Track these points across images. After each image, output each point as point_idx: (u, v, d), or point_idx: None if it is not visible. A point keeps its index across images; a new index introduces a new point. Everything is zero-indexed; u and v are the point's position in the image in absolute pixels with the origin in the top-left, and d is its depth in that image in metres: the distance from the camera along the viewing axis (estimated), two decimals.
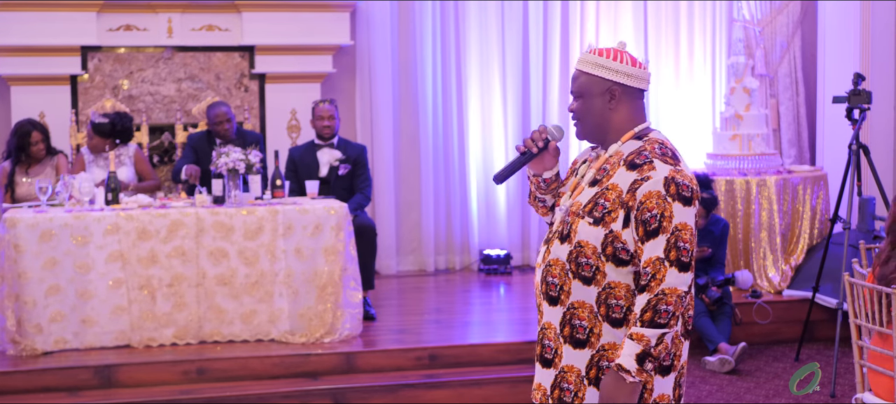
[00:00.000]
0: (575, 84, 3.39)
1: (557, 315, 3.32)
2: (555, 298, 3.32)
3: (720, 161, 8.93)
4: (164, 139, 9.06)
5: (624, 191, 3.22)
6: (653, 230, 3.16)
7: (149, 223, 6.79)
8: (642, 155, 3.26)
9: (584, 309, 3.27)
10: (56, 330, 6.72)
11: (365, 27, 9.58)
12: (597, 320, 3.26)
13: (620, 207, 3.22)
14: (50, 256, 6.68)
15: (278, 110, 9.36)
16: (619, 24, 10.03)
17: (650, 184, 3.19)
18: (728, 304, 7.63)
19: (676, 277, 3.15)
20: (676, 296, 3.14)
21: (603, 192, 3.26)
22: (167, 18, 9.10)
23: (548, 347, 3.36)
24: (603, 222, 3.22)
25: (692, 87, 10.12)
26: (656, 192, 3.18)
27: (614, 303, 3.24)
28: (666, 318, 3.13)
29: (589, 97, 3.35)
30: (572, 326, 3.28)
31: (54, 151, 8.11)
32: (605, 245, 3.22)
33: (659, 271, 3.15)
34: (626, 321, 3.24)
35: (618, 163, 3.29)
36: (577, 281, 3.27)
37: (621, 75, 3.33)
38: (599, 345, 3.26)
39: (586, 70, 3.35)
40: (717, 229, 7.84)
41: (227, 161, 7.03)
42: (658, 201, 3.17)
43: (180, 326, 6.87)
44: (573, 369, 3.29)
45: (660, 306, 3.13)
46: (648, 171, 3.21)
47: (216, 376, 6.56)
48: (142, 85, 9.14)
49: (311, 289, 6.95)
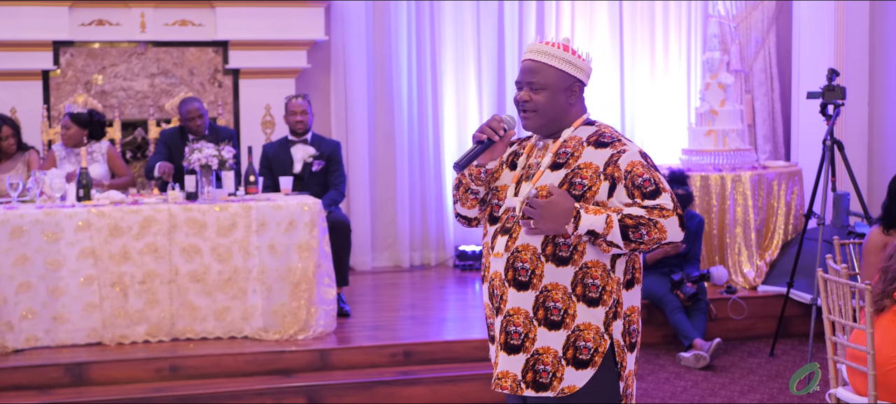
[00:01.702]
0: (536, 76, 3.41)
1: (528, 299, 3.36)
2: (525, 283, 3.35)
3: (695, 156, 8.94)
4: (136, 135, 9.00)
5: (601, 165, 3.32)
6: (652, 191, 3.29)
7: (121, 219, 6.74)
8: (605, 135, 3.40)
9: (558, 290, 3.32)
10: (27, 327, 6.66)
11: (340, 22, 9.55)
12: (571, 301, 3.33)
13: (602, 179, 3.31)
14: (20, 253, 6.61)
15: (252, 106, 9.31)
16: (595, 18, 10.03)
17: (629, 155, 3.33)
18: (703, 300, 7.64)
19: (674, 227, 3.27)
20: (661, 236, 3.25)
21: (576, 171, 3.34)
22: (140, 13, 9.04)
23: (514, 333, 3.38)
24: (583, 198, 3.30)
25: (667, 82, 10.13)
26: (639, 162, 3.32)
27: (591, 283, 3.32)
28: (636, 240, 3.24)
29: (553, 90, 3.41)
30: (546, 309, 3.34)
31: (25, 147, 8.04)
32: None
33: (666, 210, 3.27)
34: (602, 300, 3.33)
35: (580, 146, 3.39)
36: (550, 263, 3.32)
37: (582, 73, 3.46)
38: (575, 325, 3.33)
39: (553, 64, 3.41)
40: (692, 225, 7.84)
41: (199, 157, 6.98)
42: (644, 169, 3.31)
43: (153, 323, 6.81)
44: (549, 350, 3.34)
45: (642, 229, 3.24)
46: (621, 147, 3.35)
47: (189, 373, 6.51)
48: (114, 80, 9.08)
49: (285, 286, 6.91)
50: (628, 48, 10.08)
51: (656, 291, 7.65)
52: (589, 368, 3.34)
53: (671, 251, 7.68)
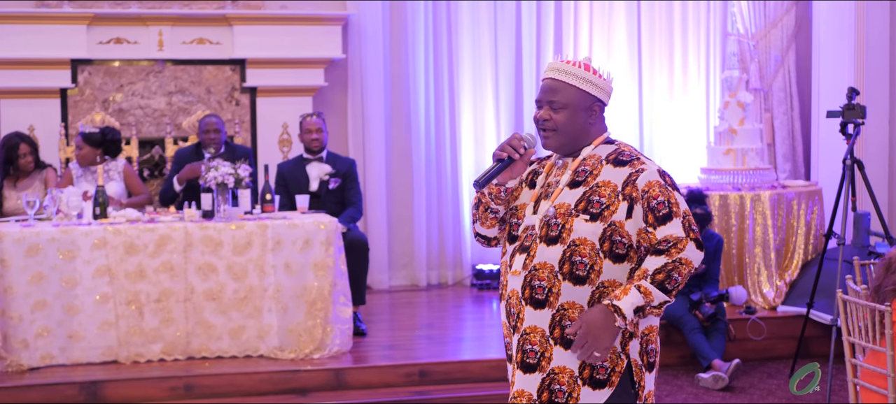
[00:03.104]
0: (556, 95, 3.41)
1: (545, 318, 3.35)
2: (541, 302, 3.34)
3: (714, 175, 8.88)
4: (154, 153, 9.00)
5: (619, 185, 3.32)
6: (665, 215, 3.29)
7: (137, 237, 6.73)
8: (625, 154, 3.40)
9: (575, 310, 3.32)
10: (42, 345, 6.65)
11: (357, 40, 9.54)
12: None
13: (620, 199, 3.31)
14: (36, 271, 6.61)
15: (270, 124, 9.31)
16: (613, 37, 9.99)
17: (647, 174, 3.33)
18: (722, 320, 7.57)
19: (694, 253, 3.29)
20: (689, 269, 3.28)
21: (594, 190, 3.34)
22: (158, 31, 9.05)
23: (530, 352, 3.37)
24: (601, 217, 3.30)
25: (686, 100, 10.08)
26: (656, 182, 3.32)
27: None
28: (673, 286, 3.27)
29: (574, 109, 3.41)
30: (562, 328, 3.32)
31: (43, 165, 8.05)
32: (604, 240, 3.30)
33: (680, 242, 3.27)
34: None
35: (599, 164, 3.39)
36: (567, 282, 3.31)
37: (603, 92, 3.45)
38: None
39: (573, 83, 3.40)
40: (711, 244, 7.78)
41: (216, 175, 6.97)
42: (661, 189, 3.31)
43: (168, 342, 6.80)
44: (565, 370, 3.33)
45: (673, 273, 3.26)
46: (640, 166, 3.35)
47: (204, 392, 6.49)
48: (132, 98, 9.09)
49: (301, 305, 6.88)
50: (646, 66, 10.04)
51: (675, 311, 7.60)
52: (606, 388, 3.32)
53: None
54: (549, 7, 9.87)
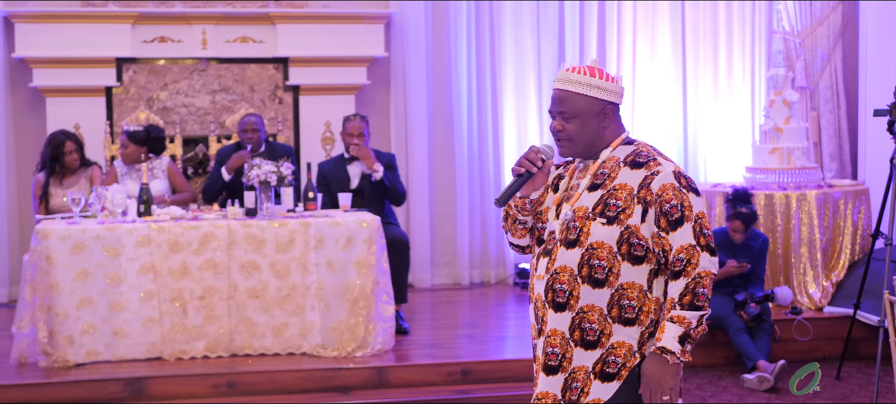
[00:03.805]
0: (565, 105, 3.44)
1: (566, 321, 3.39)
2: (562, 304, 3.39)
3: (759, 175, 8.81)
4: (198, 151, 9.04)
5: (635, 187, 3.35)
6: (677, 219, 3.31)
7: (180, 235, 6.76)
8: (642, 155, 3.41)
9: (594, 312, 3.36)
10: (87, 342, 6.70)
11: (399, 38, 9.54)
12: (607, 322, 3.36)
13: (635, 203, 3.33)
14: (82, 268, 6.66)
15: (312, 122, 9.33)
16: (657, 36, 9.93)
17: (662, 177, 3.34)
18: (767, 321, 7.51)
19: (709, 261, 3.31)
20: (710, 278, 3.31)
21: (611, 193, 3.37)
22: (202, 30, 9.10)
23: (552, 354, 3.42)
24: (617, 220, 3.33)
25: (731, 99, 10.00)
26: (670, 184, 3.33)
27: (627, 304, 3.35)
28: (703, 301, 3.29)
29: (585, 117, 3.43)
30: (582, 330, 3.37)
31: (88, 163, 8.10)
32: (621, 243, 3.33)
33: (693, 256, 3.29)
34: (639, 320, 3.36)
35: (617, 166, 3.41)
36: (586, 285, 3.35)
37: (614, 94, 3.46)
38: (609, 344, 3.37)
39: (580, 91, 3.42)
40: (756, 244, 7.72)
41: (258, 173, 6.99)
42: (675, 192, 3.32)
43: (211, 339, 6.83)
44: (582, 368, 3.38)
45: (697, 289, 3.28)
46: (656, 167, 3.36)
47: (247, 389, 6.51)
48: (176, 97, 9.14)
49: (343, 303, 6.89)
50: (691, 65, 9.97)
51: (719, 311, 7.54)
52: (614, 381, 3.37)
53: (734, 271, 7.57)
54: (593, 7, 9.83)
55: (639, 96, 9.92)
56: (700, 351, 7.67)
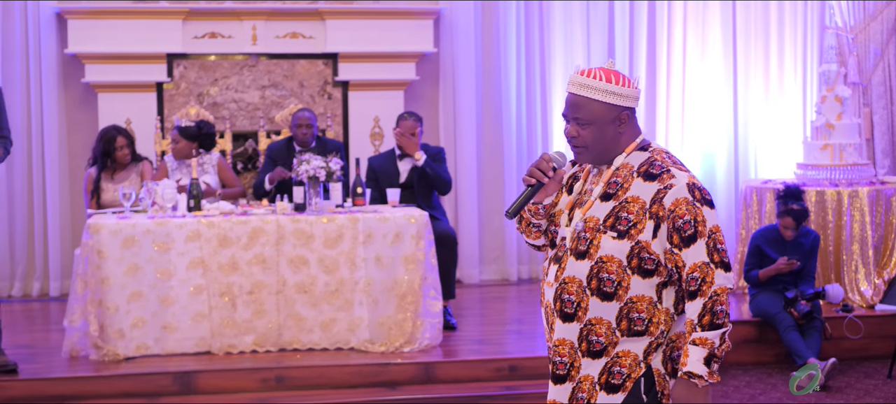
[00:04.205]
0: (580, 111, 3.33)
1: (574, 331, 3.33)
2: (570, 315, 3.32)
3: (811, 171, 8.73)
4: (247, 146, 9.10)
5: (647, 201, 3.26)
6: (690, 236, 3.22)
7: (230, 230, 6.80)
8: (656, 165, 3.31)
9: (602, 325, 3.29)
10: (137, 335, 6.76)
11: (448, 34, 9.54)
12: (614, 336, 3.28)
13: (647, 218, 3.25)
14: (132, 262, 6.72)
15: (361, 118, 9.35)
16: (707, 28, 9.86)
17: (675, 191, 3.24)
18: (818, 319, 7.43)
19: (724, 277, 3.22)
20: (726, 294, 3.22)
21: (623, 205, 3.28)
22: (252, 26, 9.14)
23: (560, 364, 3.36)
24: (628, 235, 3.25)
25: (782, 94, 9.91)
26: (684, 199, 3.23)
27: (636, 317, 3.28)
28: (722, 318, 3.21)
29: (600, 124, 3.32)
30: (589, 341, 3.31)
31: (139, 158, 8.17)
32: (631, 257, 3.25)
33: (707, 274, 3.21)
34: (648, 332, 3.28)
35: (630, 176, 3.32)
36: (595, 298, 3.28)
37: (629, 100, 3.35)
38: (614, 353, 3.30)
39: (596, 97, 3.31)
40: (807, 241, 7.65)
41: (307, 168, 7.02)
42: (688, 207, 3.23)
43: (260, 333, 6.86)
44: (588, 378, 3.33)
45: (715, 307, 3.20)
46: (669, 180, 3.26)
47: (295, 384, 6.54)
48: (226, 92, 9.19)
49: (391, 298, 6.90)
50: (741, 61, 9.89)
51: (769, 309, 7.48)
52: (619, 393, 3.29)
53: (784, 268, 7.51)
54: (643, 6, 9.77)
55: (689, 95, 9.85)
56: (749, 348, 7.62)
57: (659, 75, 9.80)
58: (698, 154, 9.91)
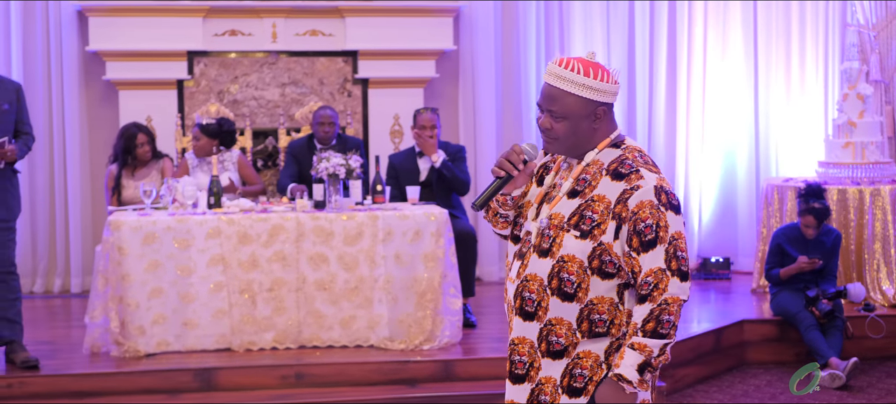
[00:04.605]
0: (555, 104, 3.22)
1: (533, 330, 3.23)
2: (531, 314, 3.22)
3: (832, 169, 8.69)
4: (267, 143, 9.11)
5: (613, 201, 3.15)
6: (650, 241, 3.11)
7: (250, 227, 6.81)
8: (626, 163, 3.20)
9: (562, 325, 3.19)
10: (158, 332, 6.77)
11: (468, 32, 9.53)
12: (574, 336, 3.19)
13: (610, 218, 3.14)
14: (153, 259, 6.73)
15: (381, 115, 9.35)
16: (728, 24, 9.82)
17: (641, 193, 3.13)
18: (839, 318, 7.40)
19: (678, 287, 3.12)
20: (678, 305, 3.11)
21: (588, 204, 3.18)
22: (272, 23, 9.15)
23: (519, 363, 3.27)
24: (591, 235, 3.15)
25: (803, 93, 9.87)
26: (648, 202, 3.12)
27: (598, 318, 3.18)
28: (668, 328, 3.10)
29: (575, 119, 3.21)
30: (549, 342, 3.21)
31: (160, 155, 8.18)
32: (592, 258, 3.15)
33: (661, 281, 3.10)
34: (609, 333, 3.19)
35: (599, 173, 3.21)
36: (556, 298, 3.18)
37: (607, 95, 3.23)
38: (575, 354, 3.21)
39: (572, 91, 3.20)
40: (828, 240, 7.62)
41: (327, 166, 7.02)
42: (652, 211, 3.11)
43: (280, 330, 6.87)
44: (550, 380, 3.23)
45: (662, 316, 3.09)
46: (637, 181, 3.15)
47: (314, 381, 6.54)
48: (246, 89, 9.21)
49: (411, 296, 6.90)
50: (763, 55, 9.85)
51: (790, 308, 7.45)
52: (581, 396, 3.20)
53: (805, 267, 7.48)
54: (663, 7, 9.75)
55: (709, 94, 9.82)
56: (770, 347, 7.59)
57: (679, 74, 9.78)
58: (719, 152, 9.88)
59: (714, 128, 9.86)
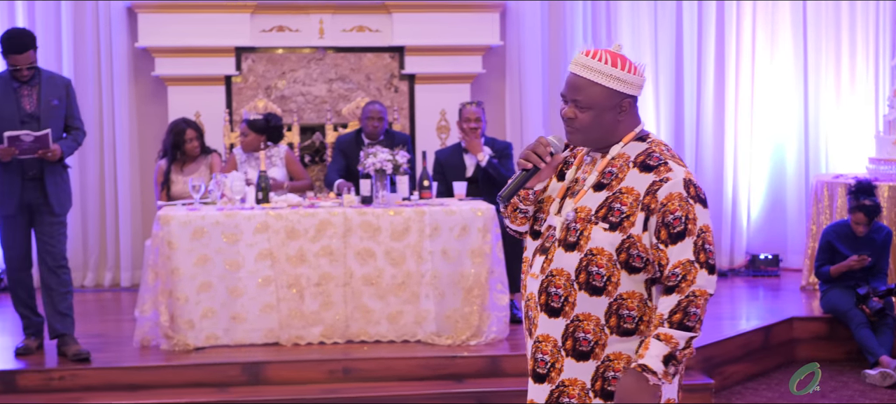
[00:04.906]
0: (581, 93, 3.19)
1: (559, 327, 3.18)
2: (557, 309, 3.17)
3: (883, 166, 8.60)
4: (315, 139, 9.15)
5: (641, 193, 3.12)
6: (678, 233, 3.08)
7: (297, 222, 6.84)
8: (654, 156, 3.17)
9: (590, 321, 3.14)
10: (207, 326, 6.81)
11: (515, 27, 9.52)
12: (603, 333, 3.14)
13: (639, 210, 3.11)
14: (202, 253, 6.77)
15: (428, 111, 9.36)
16: (777, 21, 9.74)
17: (670, 185, 3.11)
18: (890, 316, 7.33)
19: (706, 279, 3.09)
20: (705, 298, 3.08)
21: (616, 196, 3.14)
22: (319, 19, 9.18)
23: (542, 361, 3.21)
24: (620, 227, 3.11)
25: (853, 89, 9.77)
26: (678, 194, 3.10)
27: (627, 314, 3.14)
28: (694, 321, 3.07)
29: (600, 110, 3.18)
30: (575, 339, 3.16)
31: (208, 150, 8.23)
32: (620, 251, 3.11)
33: (689, 272, 3.07)
34: (639, 331, 3.14)
35: (626, 166, 3.18)
36: (583, 292, 3.14)
37: (633, 87, 3.21)
38: (605, 356, 3.15)
39: (598, 81, 3.17)
40: (879, 237, 7.55)
41: (374, 161, 7.04)
42: (681, 203, 3.09)
43: (327, 325, 6.89)
44: (576, 382, 3.17)
45: (690, 308, 3.06)
46: (666, 173, 3.13)
47: (362, 376, 6.56)
48: (293, 85, 9.24)
49: (458, 291, 6.90)
50: (812, 52, 9.76)
51: (840, 305, 7.39)
52: None
53: (856, 265, 7.41)
54: (711, 7, 9.68)
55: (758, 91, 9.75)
56: (820, 345, 7.53)
57: (728, 74, 9.71)
58: (768, 148, 9.81)
59: (763, 124, 9.78)
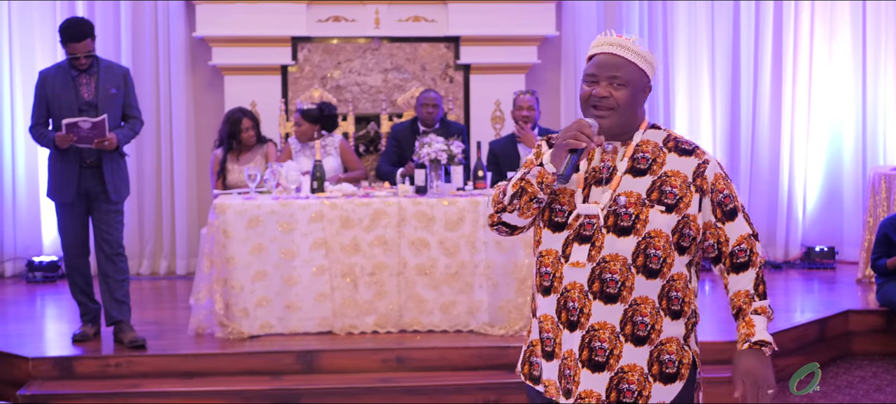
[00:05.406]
0: (619, 70, 3.21)
1: (616, 313, 3.17)
2: (613, 295, 3.17)
3: None
4: (369, 129, 9.18)
5: (689, 175, 3.21)
6: (731, 210, 3.23)
7: (352, 212, 6.87)
8: (683, 141, 3.28)
9: (647, 304, 3.18)
10: (262, 314, 6.87)
11: (571, 18, 9.49)
12: (658, 315, 3.18)
13: (693, 191, 3.20)
14: (257, 242, 6.82)
15: (482, 101, 9.36)
16: (835, 25, 9.63)
17: (713, 166, 3.24)
18: None
19: (761, 248, 3.29)
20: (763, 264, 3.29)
21: (664, 179, 3.20)
22: (374, 9, 9.21)
23: (600, 349, 3.19)
24: (677, 208, 3.18)
25: None
26: (721, 174, 3.25)
27: (675, 296, 3.21)
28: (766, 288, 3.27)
29: (635, 90, 3.24)
30: (634, 323, 3.18)
31: (264, 139, 8.29)
32: (675, 231, 3.18)
33: (753, 246, 3.25)
34: (683, 312, 3.21)
35: (660, 151, 3.24)
36: (641, 275, 3.16)
37: (653, 74, 3.32)
38: (659, 341, 3.19)
39: (634, 61, 3.24)
40: None
41: (429, 151, 7.05)
42: (725, 182, 3.25)
43: (381, 314, 6.92)
44: (635, 368, 3.19)
45: (765, 277, 3.25)
46: (704, 155, 3.26)
47: (415, 365, 6.58)
48: (349, 75, 9.28)
49: (511, 282, 6.90)
50: (871, 55, 9.61)
51: None
52: (677, 382, 3.20)
53: None
54: (769, 7, 9.59)
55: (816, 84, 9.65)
56: (876, 338, 7.46)
57: (785, 68, 9.62)
58: (825, 138, 9.71)
59: (819, 116, 9.68)
